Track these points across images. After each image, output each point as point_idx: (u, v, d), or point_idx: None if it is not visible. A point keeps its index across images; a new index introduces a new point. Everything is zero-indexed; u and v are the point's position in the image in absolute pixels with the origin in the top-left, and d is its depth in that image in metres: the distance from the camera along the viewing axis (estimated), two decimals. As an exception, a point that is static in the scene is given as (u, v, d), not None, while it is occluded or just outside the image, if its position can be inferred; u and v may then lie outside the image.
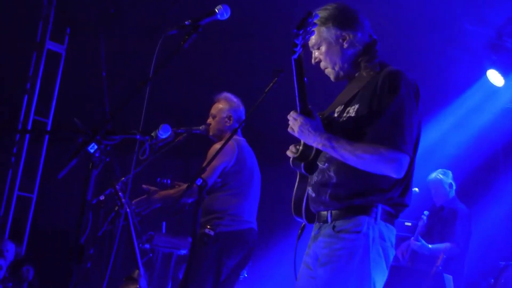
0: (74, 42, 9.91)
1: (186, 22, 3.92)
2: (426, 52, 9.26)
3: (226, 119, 6.62)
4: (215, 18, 3.98)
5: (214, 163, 6.09)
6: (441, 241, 8.04)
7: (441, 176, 8.36)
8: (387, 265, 3.67)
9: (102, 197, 6.67)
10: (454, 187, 8.37)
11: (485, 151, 10.47)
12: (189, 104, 11.18)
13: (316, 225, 3.89)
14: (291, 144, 3.98)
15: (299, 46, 3.64)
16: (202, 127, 6.58)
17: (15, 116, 9.74)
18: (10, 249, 8.77)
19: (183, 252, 8.38)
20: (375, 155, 3.53)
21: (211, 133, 6.62)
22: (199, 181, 4.70)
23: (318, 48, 4.00)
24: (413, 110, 3.64)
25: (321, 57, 4.00)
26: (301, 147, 3.91)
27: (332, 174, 3.73)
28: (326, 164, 3.79)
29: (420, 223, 8.36)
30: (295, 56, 3.67)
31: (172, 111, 11.17)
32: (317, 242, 3.81)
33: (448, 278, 7.36)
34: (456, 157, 10.05)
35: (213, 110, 6.70)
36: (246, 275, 7.92)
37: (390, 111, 3.59)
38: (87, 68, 10.27)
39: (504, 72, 8.94)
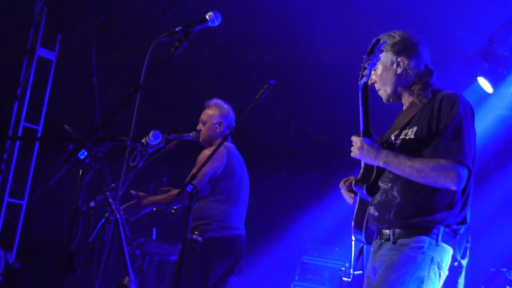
0: (65, 48, 9.90)
1: (177, 29, 3.92)
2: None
3: (217, 125, 6.60)
4: (206, 25, 3.98)
5: (203, 169, 6.08)
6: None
7: None
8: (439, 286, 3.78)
9: (92, 204, 6.64)
10: None
11: (476, 158, 10.48)
12: (180, 110, 11.19)
13: (376, 242, 3.99)
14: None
15: (368, 71, 3.81)
16: (192, 134, 6.55)
17: (5, 122, 9.71)
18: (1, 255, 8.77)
19: (173, 258, 8.37)
20: (436, 167, 3.67)
21: (201, 139, 6.60)
22: (189, 188, 4.69)
23: (375, 70, 4.15)
24: (470, 128, 3.80)
25: (376, 78, 4.17)
26: (361, 171, 4.07)
27: (395, 193, 3.85)
28: (390, 184, 3.90)
29: None
30: (365, 80, 3.83)
31: (162, 118, 11.18)
32: (377, 256, 3.92)
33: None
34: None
35: (204, 116, 6.68)
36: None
37: (450, 128, 3.75)
38: (77, 75, 10.26)
39: (495, 78, 8.96)
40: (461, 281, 7.94)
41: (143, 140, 4.22)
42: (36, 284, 9.67)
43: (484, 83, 9.08)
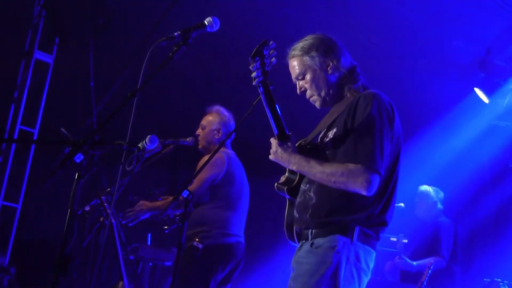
0: (63, 52, 9.87)
1: (175, 34, 3.92)
2: (416, 69, 9.29)
3: (215, 132, 6.63)
4: (204, 31, 3.97)
5: (203, 175, 6.10)
6: (428, 256, 7.97)
7: (431, 191, 8.35)
8: (360, 287, 3.71)
9: (87, 208, 6.64)
10: (439, 206, 8.34)
11: (472, 168, 10.49)
12: (177, 115, 11.18)
13: (300, 243, 3.96)
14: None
15: (256, 73, 3.77)
16: (189, 139, 6.56)
17: (1, 125, 9.68)
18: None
19: (167, 264, 8.35)
20: (345, 172, 3.63)
21: (199, 145, 6.62)
22: (185, 193, 4.69)
23: (303, 78, 4.12)
24: (384, 130, 3.72)
25: (307, 85, 4.11)
26: (286, 173, 4.09)
27: (312, 194, 3.84)
28: (308, 185, 3.91)
29: (399, 244, 8.21)
30: (256, 82, 3.80)
31: (159, 122, 11.16)
32: (296, 257, 3.91)
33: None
34: (443, 173, 10.06)
35: (204, 122, 6.71)
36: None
37: (360, 130, 3.71)
38: (75, 78, 10.24)
39: (491, 88, 8.98)
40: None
41: (139, 145, 4.22)
42: (29, 287, 9.64)
43: (480, 94, 9.10)
